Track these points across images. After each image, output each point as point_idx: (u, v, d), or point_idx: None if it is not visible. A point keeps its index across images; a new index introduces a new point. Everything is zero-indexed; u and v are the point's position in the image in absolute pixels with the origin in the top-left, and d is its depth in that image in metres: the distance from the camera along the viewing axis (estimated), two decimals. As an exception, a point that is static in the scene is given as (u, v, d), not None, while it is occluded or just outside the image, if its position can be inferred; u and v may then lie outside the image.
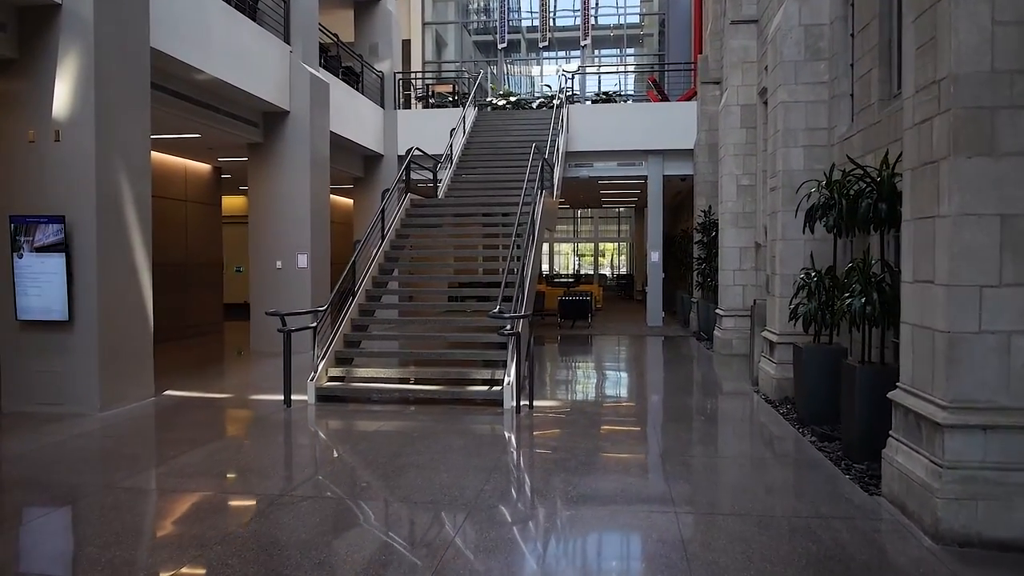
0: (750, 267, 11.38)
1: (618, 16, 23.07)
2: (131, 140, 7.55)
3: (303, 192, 11.81)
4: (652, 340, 13.96)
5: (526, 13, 23.50)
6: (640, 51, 22.81)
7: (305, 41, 12.03)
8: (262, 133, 11.88)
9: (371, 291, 9.11)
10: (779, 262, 7.55)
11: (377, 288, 9.29)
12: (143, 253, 7.73)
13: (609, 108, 16.57)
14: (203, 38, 9.30)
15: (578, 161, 16.44)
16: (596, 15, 22.92)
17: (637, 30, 24.39)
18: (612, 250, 38.48)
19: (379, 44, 16.92)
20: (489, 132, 15.64)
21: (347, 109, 14.51)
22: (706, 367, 10.55)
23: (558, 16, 23.09)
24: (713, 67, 14.56)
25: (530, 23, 23.22)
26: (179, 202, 13.87)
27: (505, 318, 6.95)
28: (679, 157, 16.07)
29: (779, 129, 7.56)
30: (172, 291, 13.63)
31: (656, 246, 16.30)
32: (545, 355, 12.04)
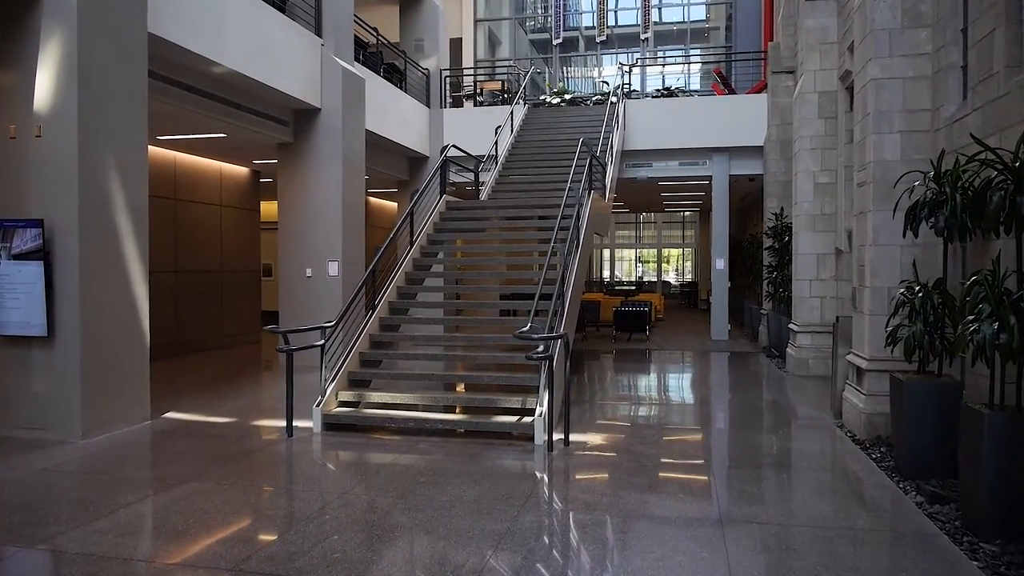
0: (829, 277, 9.99)
1: (683, 8, 21.68)
2: (124, 136, 6.80)
3: (335, 195, 11.00)
4: (716, 357, 12.62)
5: (585, 7, 22.38)
6: (705, 46, 21.38)
7: (338, 34, 11.23)
8: (292, 132, 11.13)
9: (395, 303, 8.16)
10: (869, 272, 6.25)
11: (403, 300, 8.34)
12: (138, 261, 6.97)
13: (669, 102, 15.30)
14: (216, 27, 8.56)
15: (636, 161, 15.23)
16: (660, 10, 21.63)
17: (702, 24, 22.98)
18: (676, 256, 36.88)
19: (425, 40, 16.10)
20: (539, 130, 14.59)
21: (389, 108, 13.69)
22: (779, 392, 9.22)
23: (619, 12, 21.91)
24: (786, 55, 13.16)
25: (588, 21, 22.12)
26: (213, 207, 13.29)
27: (534, 339, 5.86)
28: (747, 155, 14.69)
29: (869, 112, 6.27)
30: (205, 299, 13.08)
31: (721, 252, 14.94)
32: (594, 374, 10.89)
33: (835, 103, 9.78)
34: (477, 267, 9.63)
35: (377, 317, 7.83)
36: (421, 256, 9.08)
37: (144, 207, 7.10)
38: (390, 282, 8.31)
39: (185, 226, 12.50)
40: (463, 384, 7.29)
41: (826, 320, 9.95)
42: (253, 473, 5.35)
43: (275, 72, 9.84)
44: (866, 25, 6.37)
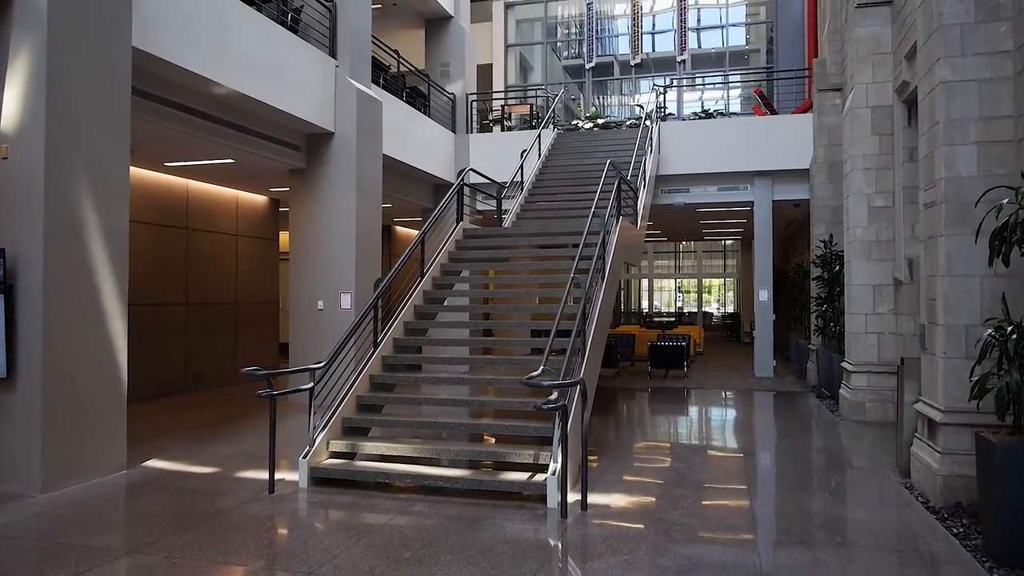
0: (887, 310, 8.96)
1: (721, 32, 20.87)
2: (102, 156, 6.23)
3: (348, 224, 10.37)
4: (761, 397, 11.58)
5: (619, 30, 21.73)
6: (745, 69, 20.51)
7: (354, 55, 10.70)
8: (304, 158, 10.58)
9: (401, 340, 7.41)
10: (943, 307, 5.30)
11: (410, 336, 7.59)
12: (115, 294, 6.36)
13: (707, 124, 14.46)
14: (219, 45, 8.04)
15: (672, 186, 14.38)
16: (698, 35, 20.83)
17: (741, 48, 22.10)
18: (717, 286, 35.68)
19: (451, 64, 15.58)
20: (568, 154, 13.87)
21: (411, 133, 13.13)
22: (832, 440, 8.19)
23: (655, 36, 21.18)
24: (833, 71, 12.27)
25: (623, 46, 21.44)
26: (229, 236, 12.80)
27: (544, 386, 5.03)
28: (791, 179, 13.74)
29: (939, 121, 5.37)
30: (219, 333, 12.53)
31: (765, 283, 13.94)
32: (624, 416, 9.98)
33: (890, 118, 8.84)
34: (492, 300, 8.86)
35: (379, 356, 7.08)
36: (433, 288, 8.34)
37: (124, 233, 6.51)
38: (396, 317, 7.57)
39: (198, 256, 12.00)
40: (470, 433, 6.47)
41: (884, 359, 8.91)
42: (214, 541, 4.59)
43: (284, 94, 9.31)
44: (932, 21, 5.50)
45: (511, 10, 20.38)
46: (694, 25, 20.40)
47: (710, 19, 20.76)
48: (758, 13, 20.41)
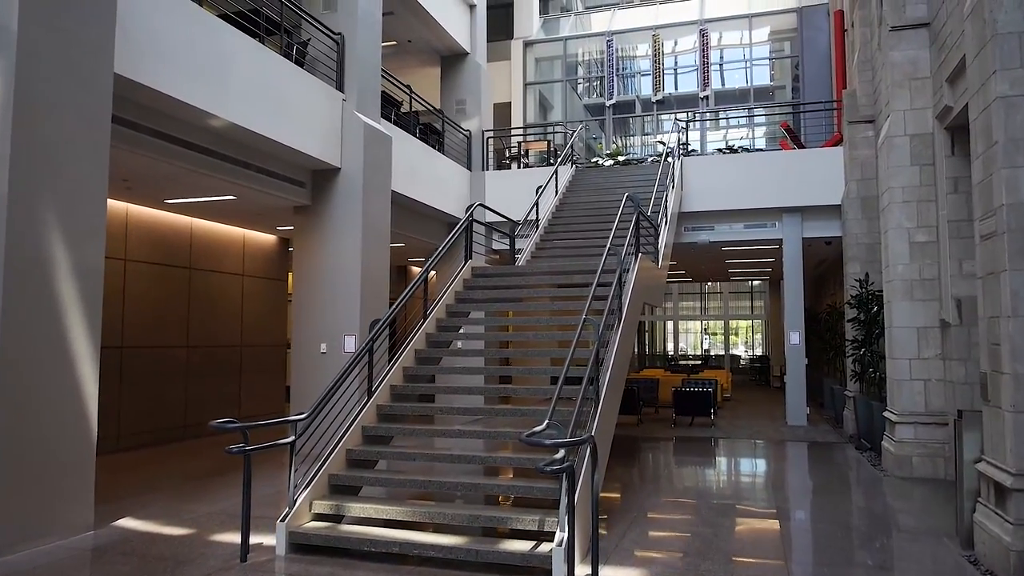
0: (934, 355, 8.19)
1: (745, 70, 20.39)
2: (76, 188, 5.79)
3: (353, 263, 9.89)
4: (794, 449, 10.74)
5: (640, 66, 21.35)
6: (770, 104, 19.96)
7: (362, 89, 10.34)
8: (309, 194, 10.17)
9: (399, 387, 6.80)
10: (1010, 353, 4.59)
11: (410, 383, 6.98)
12: (85, 337, 5.85)
13: (732, 159, 13.89)
14: (216, 76, 7.68)
15: (696, 223, 13.77)
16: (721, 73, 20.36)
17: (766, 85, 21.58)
18: (745, 328, 34.72)
19: (467, 100, 15.26)
20: (586, 191, 13.35)
21: (424, 171, 12.73)
22: (878, 502, 7.38)
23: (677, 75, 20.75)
24: (864, 102, 11.68)
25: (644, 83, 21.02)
26: (234, 276, 12.38)
27: (547, 445, 4.38)
28: (822, 215, 13.07)
29: (997, 141, 4.73)
30: (222, 377, 12.03)
31: (796, 325, 13.17)
32: (645, 471, 9.23)
33: (931, 147, 8.20)
34: (500, 344, 8.25)
35: (374, 405, 6.47)
36: (437, 331, 7.75)
37: (99, 271, 6.02)
38: (394, 362, 6.98)
39: (201, 297, 11.57)
40: (469, 494, 5.80)
41: (932, 408, 8.11)
42: (165, 625, 3.97)
43: (288, 128, 8.93)
44: (985, 30, 4.90)
45: (530, 48, 20.17)
46: (717, 62, 19.99)
47: (733, 56, 20.32)
48: (782, 49, 19.96)
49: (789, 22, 18.29)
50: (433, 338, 7.59)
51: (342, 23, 10.32)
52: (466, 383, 8.09)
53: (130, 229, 10.23)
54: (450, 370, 7.48)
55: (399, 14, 13.37)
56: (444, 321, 7.89)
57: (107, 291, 10.27)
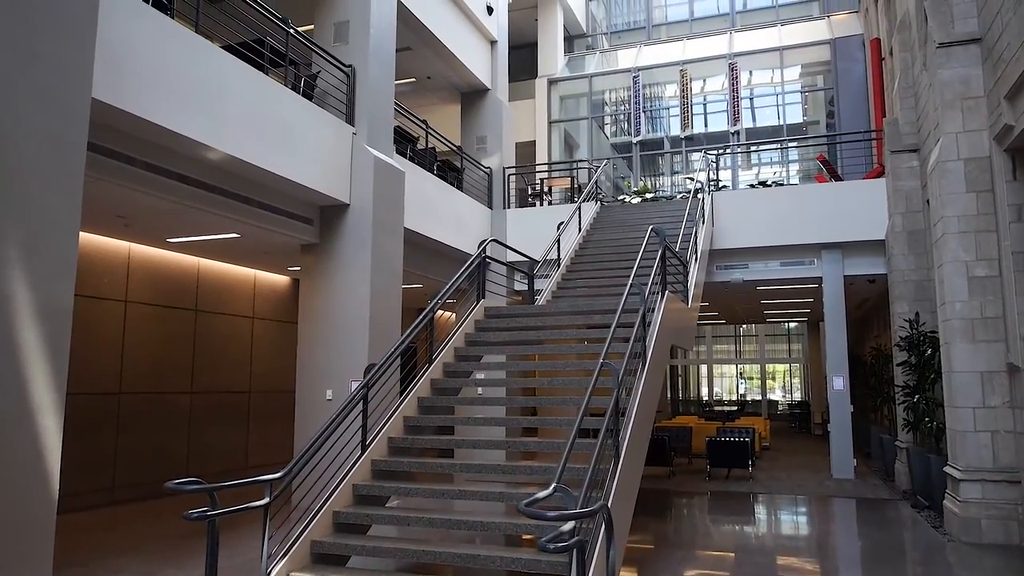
0: (1001, 403, 7.29)
1: (776, 101, 19.75)
2: (44, 222, 5.31)
3: (361, 304, 9.33)
4: (842, 506, 9.77)
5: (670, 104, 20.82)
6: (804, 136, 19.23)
7: (373, 122, 9.91)
8: (317, 232, 9.68)
9: (397, 440, 6.13)
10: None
11: (410, 434, 6.31)
12: (49, 386, 5.30)
13: (766, 193, 13.17)
14: (213, 106, 7.25)
15: (728, 261, 13.01)
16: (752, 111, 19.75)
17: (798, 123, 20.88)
18: (783, 372, 33.47)
19: (487, 137, 14.83)
20: (611, 228, 12.70)
21: (442, 209, 12.23)
22: (942, 573, 6.44)
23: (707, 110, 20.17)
24: (907, 130, 10.95)
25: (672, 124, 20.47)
26: (244, 319, 11.90)
27: (550, 519, 3.65)
28: (864, 251, 12.24)
29: (1084, 152, 3.99)
30: (228, 424, 11.49)
31: (839, 369, 12.24)
32: (674, 530, 8.36)
33: (988, 171, 7.43)
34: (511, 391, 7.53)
35: (368, 460, 5.81)
36: (444, 376, 7.09)
37: (67, 313, 5.50)
38: (394, 412, 6.32)
39: (208, 341, 11.09)
40: (469, 566, 5.05)
41: (1002, 463, 7.19)
42: None
43: (292, 162, 8.48)
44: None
45: (554, 86, 19.81)
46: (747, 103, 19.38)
47: (764, 92, 19.69)
48: (815, 83, 19.30)
49: (821, 54, 17.66)
50: (439, 384, 6.93)
51: (353, 55, 9.94)
52: (472, 435, 7.39)
53: (132, 269, 9.82)
54: (456, 420, 6.78)
55: (417, 50, 13.07)
56: (452, 366, 7.23)
57: (105, 334, 10.09)
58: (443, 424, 6.70)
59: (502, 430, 8.49)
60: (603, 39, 22.42)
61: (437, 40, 12.77)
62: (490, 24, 14.59)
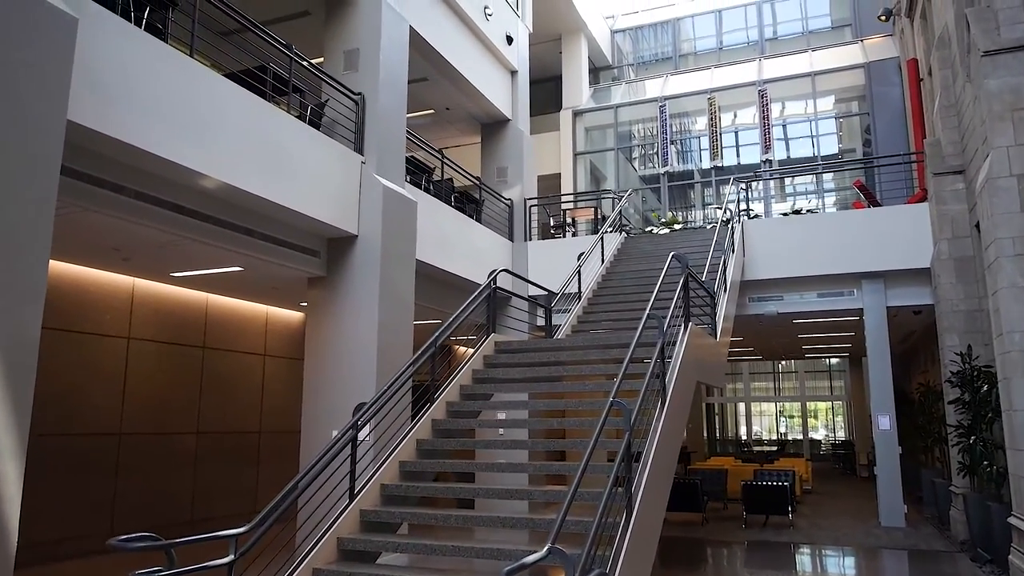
0: (1072, 446, 6.48)
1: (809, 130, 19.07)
2: (10, 249, 4.95)
3: (368, 340, 8.85)
4: (894, 560, 8.89)
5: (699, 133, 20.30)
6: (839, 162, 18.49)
7: (383, 150, 9.56)
8: (324, 265, 9.27)
9: (391, 486, 5.58)
10: None
11: (406, 480, 5.75)
12: (8, 426, 4.89)
13: (800, 221, 12.49)
14: (205, 130, 6.92)
15: (762, 292, 12.32)
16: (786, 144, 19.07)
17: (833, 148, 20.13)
18: (824, 410, 32.14)
19: (508, 168, 14.44)
20: (636, 259, 12.15)
21: (460, 241, 11.80)
22: (1014, 641, 5.63)
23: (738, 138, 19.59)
24: (950, 151, 10.27)
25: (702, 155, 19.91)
26: (255, 356, 11.52)
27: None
28: (908, 280, 11.46)
29: None
30: (237, 466, 11.04)
31: (884, 408, 11.40)
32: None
33: (1047, 189, 6.74)
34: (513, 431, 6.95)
35: (356, 510, 5.26)
36: (447, 416, 6.54)
37: (33, 344, 5.10)
38: (387, 457, 5.78)
39: (215, 379, 10.71)
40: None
41: (1075, 516, 6.36)
42: None
43: (297, 192, 8.11)
44: None
45: (579, 118, 19.47)
46: (780, 133, 18.77)
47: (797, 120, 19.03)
48: (850, 109, 18.63)
49: (855, 79, 17.04)
50: (441, 425, 6.37)
51: (363, 83, 9.64)
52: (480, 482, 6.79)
53: (136, 305, 9.51)
54: (456, 465, 6.19)
55: (434, 80, 12.80)
56: (456, 405, 6.68)
57: (106, 373, 9.68)
58: (443, 471, 6.12)
59: (511, 477, 7.88)
60: (629, 70, 22.10)
61: (455, 70, 12.49)
62: (510, 54, 14.30)
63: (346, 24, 9.91)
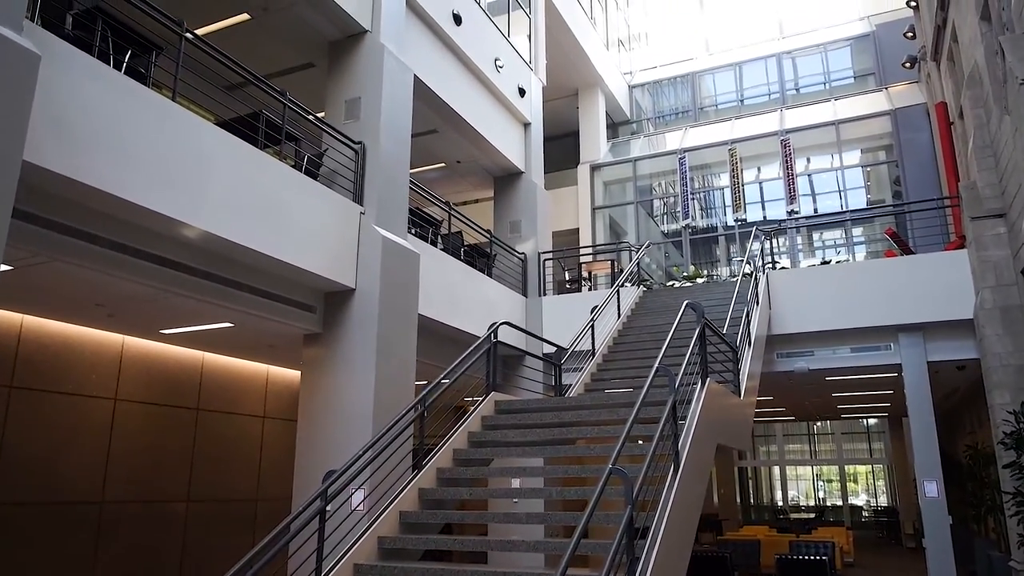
0: None
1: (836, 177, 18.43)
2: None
3: (364, 401, 8.25)
4: (950, 647, 7.88)
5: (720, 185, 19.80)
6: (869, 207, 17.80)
7: (384, 200, 9.15)
8: (320, 321, 8.78)
9: (364, 567, 4.91)
10: None
11: (383, 560, 5.08)
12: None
13: (829, 271, 11.82)
14: (186, 176, 6.55)
15: (790, 348, 11.57)
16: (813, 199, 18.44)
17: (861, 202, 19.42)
18: (864, 474, 30.54)
19: (522, 222, 14.00)
20: (655, 314, 11.51)
21: (469, 296, 11.28)
22: None
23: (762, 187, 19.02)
24: (988, 193, 9.63)
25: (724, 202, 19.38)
26: (254, 419, 10.98)
27: None
28: (950, 333, 10.64)
29: None
30: (229, 536, 10.37)
31: (931, 473, 10.44)
32: None
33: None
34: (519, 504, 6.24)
35: (323, 597, 4.60)
36: (437, 485, 5.89)
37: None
38: (364, 532, 5.13)
39: (209, 443, 10.16)
40: None
41: None
42: None
43: (288, 243, 7.67)
44: None
45: (597, 172, 19.12)
46: (806, 189, 18.18)
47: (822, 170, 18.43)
48: (876, 159, 18.01)
49: (882, 126, 16.49)
50: (428, 495, 5.72)
51: (365, 132, 9.31)
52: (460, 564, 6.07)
53: (125, 364, 9.07)
54: (443, 540, 5.49)
55: (444, 133, 12.53)
56: (448, 471, 6.02)
57: (88, 436, 8.96)
58: (428, 548, 5.44)
59: (500, 556, 7.13)
60: (648, 124, 21.84)
61: (465, 122, 12.19)
62: (522, 106, 14.03)
63: (348, 73, 9.67)
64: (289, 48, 10.10)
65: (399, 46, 9.89)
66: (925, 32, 14.63)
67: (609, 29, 21.35)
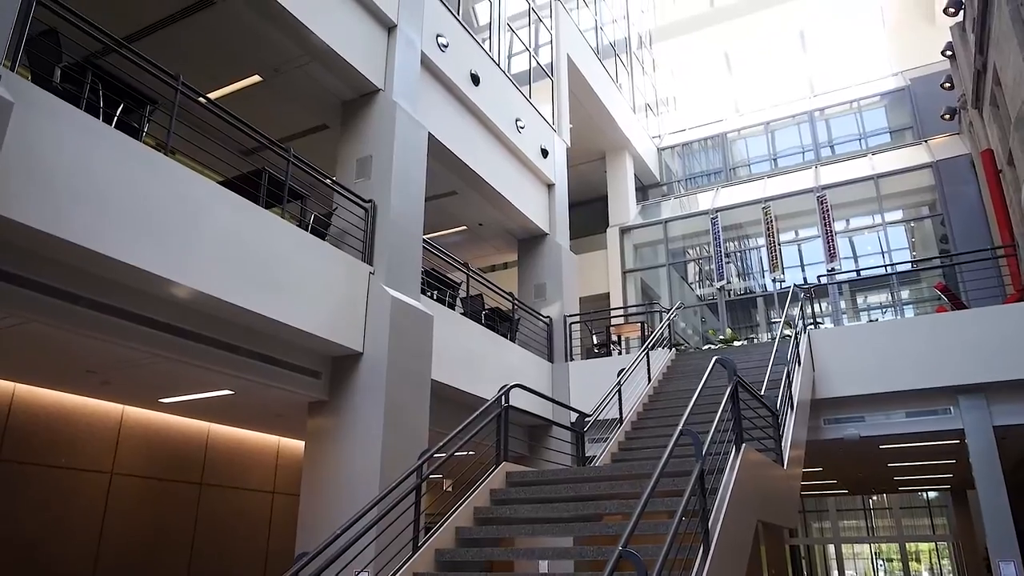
0: None
1: (878, 236, 17.63)
2: None
3: (371, 473, 7.62)
4: None
5: (756, 245, 19.12)
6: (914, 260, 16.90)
7: (395, 260, 8.73)
8: (326, 388, 8.25)
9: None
10: None
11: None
12: None
13: (877, 328, 11.00)
14: (176, 232, 6.20)
15: (838, 413, 10.67)
16: (855, 261, 17.68)
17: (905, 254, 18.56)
18: (928, 551, 28.42)
19: (546, 284, 13.49)
20: (688, 377, 10.74)
21: (489, 362, 10.72)
22: None
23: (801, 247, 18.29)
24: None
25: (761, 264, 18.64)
26: (263, 494, 10.38)
27: None
28: (1015, 393, 9.69)
29: None
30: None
31: (1007, 552, 9.34)
32: None
33: None
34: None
35: None
36: (435, 569, 5.19)
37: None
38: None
39: (213, 519, 9.57)
40: None
41: None
42: None
43: (291, 304, 7.24)
44: None
45: (627, 235, 18.63)
46: (847, 251, 17.45)
47: (862, 227, 17.66)
48: (920, 212, 17.20)
49: (923, 179, 15.77)
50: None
51: (376, 190, 8.98)
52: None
53: (123, 436, 8.62)
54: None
55: (465, 195, 12.22)
56: (450, 553, 5.32)
57: (80, 513, 8.22)
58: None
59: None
60: (678, 186, 21.43)
61: (485, 183, 11.87)
62: (546, 167, 13.72)
63: (360, 132, 9.43)
64: (302, 109, 9.95)
65: (412, 104, 9.66)
66: (963, 80, 14.08)
67: (636, 93, 21.23)
